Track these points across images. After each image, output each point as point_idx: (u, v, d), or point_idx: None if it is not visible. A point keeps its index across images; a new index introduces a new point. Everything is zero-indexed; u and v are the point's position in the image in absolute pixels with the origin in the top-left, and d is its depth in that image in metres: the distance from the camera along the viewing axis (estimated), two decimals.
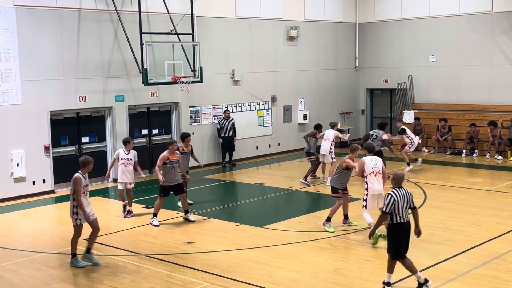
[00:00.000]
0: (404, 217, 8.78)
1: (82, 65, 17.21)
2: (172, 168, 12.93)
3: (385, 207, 8.71)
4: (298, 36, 23.09)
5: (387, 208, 8.68)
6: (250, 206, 15.35)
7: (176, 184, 13.08)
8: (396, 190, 8.80)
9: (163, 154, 12.97)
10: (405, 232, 8.84)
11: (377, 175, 11.36)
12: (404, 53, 24.53)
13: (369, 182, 11.32)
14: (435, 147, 22.28)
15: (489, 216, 13.04)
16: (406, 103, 24.30)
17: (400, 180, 8.94)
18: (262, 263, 10.31)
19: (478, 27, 22.50)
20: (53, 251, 11.44)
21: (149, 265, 10.36)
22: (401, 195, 8.75)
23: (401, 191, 8.80)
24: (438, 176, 17.97)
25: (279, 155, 22.58)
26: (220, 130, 20.29)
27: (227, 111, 20.57)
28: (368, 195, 11.33)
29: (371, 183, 11.31)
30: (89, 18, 17.30)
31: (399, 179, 8.95)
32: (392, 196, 8.71)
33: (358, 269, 10.00)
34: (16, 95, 15.95)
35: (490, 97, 22.46)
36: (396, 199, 8.68)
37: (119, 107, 18.14)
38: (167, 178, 12.92)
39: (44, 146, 16.55)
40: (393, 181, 8.95)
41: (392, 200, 8.67)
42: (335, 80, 25.00)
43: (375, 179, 11.33)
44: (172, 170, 12.94)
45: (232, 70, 21.04)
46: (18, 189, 16.09)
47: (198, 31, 19.36)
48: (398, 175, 8.98)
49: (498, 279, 9.16)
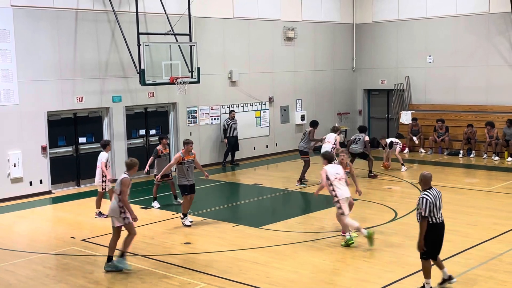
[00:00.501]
0: (439, 218, 8.69)
1: (79, 65, 17.19)
2: (187, 168, 12.87)
3: (423, 211, 8.54)
4: (296, 36, 23.11)
5: (425, 211, 8.53)
6: (248, 206, 15.35)
7: (191, 184, 13.01)
8: (428, 192, 8.67)
9: (178, 154, 12.92)
10: (441, 233, 8.76)
11: (341, 180, 11.34)
12: (401, 53, 24.55)
13: (336, 188, 11.22)
14: (432, 148, 22.31)
15: (486, 217, 13.05)
16: (403, 103, 24.33)
17: (429, 181, 8.79)
18: (260, 264, 10.31)
19: (475, 28, 22.53)
20: (50, 251, 11.42)
21: (146, 266, 10.35)
22: (433, 196, 8.65)
23: (432, 192, 8.69)
24: (435, 176, 17.72)
25: (276, 155, 22.58)
26: (226, 130, 20.36)
27: (233, 111, 20.66)
28: (339, 200, 11.18)
29: (339, 189, 11.23)
30: (86, 18, 17.29)
31: (428, 180, 8.80)
32: (427, 198, 8.57)
33: (356, 269, 10.00)
34: (13, 95, 15.93)
35: (487, 98, 22.50)
36: (431, 200, 8.57)
37: (117, 108, 18.13)
38: (186, 177, 12.85)
39: (41, 146, 16.52)
40: (422, 183, 8.80)
41: (428, 203, 8.54)
42: (332, 81, 25.02)
43: (340, 183, 11.28)
44: (187, 170, 12.88)
45: (229, 71, 21.04)
46: (15, 189, 16.06)
47: (195, 32, 19.35)
48: (426, 176, 8.81)
49: (495, 279, 9.17)
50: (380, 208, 14.17)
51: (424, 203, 8.55)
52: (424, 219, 8.59)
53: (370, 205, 14.49)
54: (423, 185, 8.79)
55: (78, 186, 17.49)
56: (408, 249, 10.90)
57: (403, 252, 10.77)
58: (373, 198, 15.21)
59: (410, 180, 17.40)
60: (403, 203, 14.53)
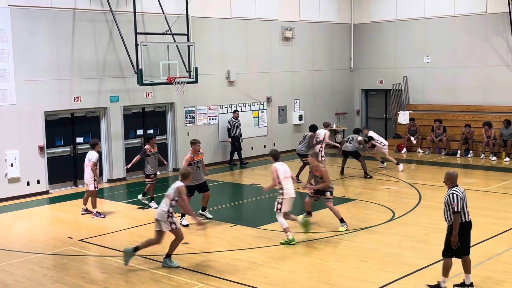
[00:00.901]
0: (467, 216, 8.70)
1: (76, 65, 17.17)
2: (197, 168, 12.94)
3: (455, 206, 8.53)
4: (293, 36, 23.10)
5: (457, 207, 8.53)
6: (245, 206, 15.35)
7: (200, 183, 13.06)
8: (456, 189, 8.69)
9: (188, 155, 12.96)
10: (469, 231, 8.75)
11: (289, 179, 11.61)
12: (399, 54, 24.57)
13: (285, 187, 11.48)
14: (430, 148, 22.32)
15: (484, 217, 13.05)
16: (401, 103, 24.34)
17: (455, 179, 8.80)
18: (257, 264, 10.30)
19: (473, 28, 22.55)
20: (48, 252, 11.40)
21: (144, 266, 10.34)
22: (462, 192, 8.66)
23: (460, 189, 8.71)
24: (432, 176, 17.99)
25: None
26: (231, 130, 20.39)
27: (237, 111, 20.74)
28: (284, 199, 11.44)
29: (287, 187, 11.49)
30: (84, 18, 17.26)
31: (454, 178, 8.80)
32: (457, 194, 8.58)
33: (353, 269, 9.99)
34: (10, 95, 15.90)
35: (485, 98, 22.51)
36: (461, 196, 8.59)
37: (114, 108, 18.11)
38: (192, 178, 12.82)
39: (38, 146, 16.49)
40: (448, 181, 8.79)
41: (458, 198, 8.55)
42: (330, 81, 25.02)
43: (289, 182, 11.57)
44: (197, 170, 12.92)
45: (227, 71, 21.03)
46: (13, 189, 16.03)
47: (193, 32, 19.34)
48: (452, 175, 8.82)
49: (493, 279, 9.17)
50: (378, 208, 14.17)
51: (455, 198, 8.56)
52: (457, 214, 8.58)
53: (368, 205, 14.49)
54: (450, 183, 8.80)
55: (75, 186, 17.47)
56: (406, 249, 10.91)
57: (401, 252, 10.77)
58: (371, 198, 15.22)
59: (408, 180, 17.41)
60: (401, 203, 14.53)
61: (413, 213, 13.65)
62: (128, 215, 14.18)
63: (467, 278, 8.82)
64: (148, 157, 14.71)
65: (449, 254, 8.74)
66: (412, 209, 13.94)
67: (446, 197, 8.69)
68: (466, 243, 8.78)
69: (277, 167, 11.66)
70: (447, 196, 8.68)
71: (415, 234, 11.87)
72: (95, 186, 13.93)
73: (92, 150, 14.08)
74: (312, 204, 12.97)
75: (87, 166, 14.01)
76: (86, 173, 14.06)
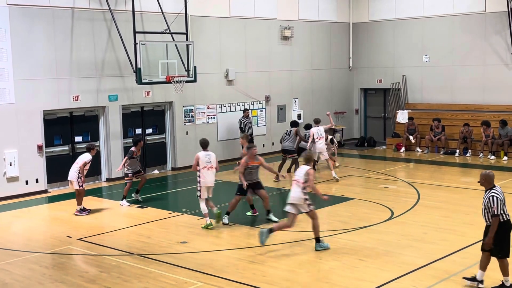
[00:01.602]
0: (507, 215, 8.68)
1: (75, 64, 17.16)
2: (249, 173, 12.86)
3: (495, 209, 8.54)
4: (292, 36, 23.10)
5: (497, 210, 8.54)
6: (244, 206, 15.33)
7: (253, 182, 12.92)
8: (495, 190, 8.69)
9: (243, 160, 12.83)
10: (510, 230, 8.75)
11: (210, 169, 12.41)
12: (398, 53, 24.58)
13: (201, 176, 12.34)
14: (429, 147, 22.33)
15: (482, 216, 13.03)
16: (399, 103, 24.35)
17: (492, 180, 8.81)
18: (256, 263, 10.31)
19: (471, 27, 22.56)
20: (46, 251, 11.40)
21: (142, 265, 10.34)
22: (501, 193, 8.67)
23: (498, 189, 8.72)
24: (431, 176, 18.01)
25: (272, 154, 22.54)
26: (242, 129, 20.46)
27: (247, 110, 20.81)
28: (201, 187, 12.36)
29: (203, 177, 12.34)
30: (83, 17, 17.25)
31: (491, 179, 8.82)
32: (497, 196, 8.58)
33: (352, 268, 10.00)
34: (9, 94, 15.89)
35: (484, 97, 22.53)
36: (501, 198, 8.60)
37: (113, 107, 18.10)
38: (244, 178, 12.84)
39: (37, 145, 16.48)
40: (486, 183, 8.80)
41: (498, 200, 8.56)
42: (329, 80, 25.02)
43: (208, 172, 12.37)
44: (249, 172, 12.84)
45: (226, 70, 21.03)
46: (11, 188, 16.02)
47: (192, 31, 19.33)
48: (489, 176, 8.83)
49: (491, 278, 9.17)
50: (377, 207, 14.17)
51: (495, 201, 8.56)
52: (496, 217, 8.58)
53: (367, 204, 14.49)
54: (487, 184, 8.79)
55: None
56: (404, 248, 10.92)
57: (399, 251, 10.78)
58: (369, 197, 15.22)
59: (407, 179, 17.42)
60: (400, 202, 14.54)
61: (412, 212, 13.66)
62: (127, 214, 14.19)
63: (481, 275, 8.85)
64: (132, 159, 14.98)
65: (499, 255, 8.73)
66: (411, 208, 13.94)
67: (486, 199, 8.67)
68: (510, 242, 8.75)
69: (200, 156, 12.36)
70: (486, 198, 8.67)
71: (414, 233, 11.88)
72: (80, 185, 14.07)
73: (88, 153, 14.32)
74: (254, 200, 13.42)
75: (76, 164, 14.19)
76: (72, 170, 14.22)
